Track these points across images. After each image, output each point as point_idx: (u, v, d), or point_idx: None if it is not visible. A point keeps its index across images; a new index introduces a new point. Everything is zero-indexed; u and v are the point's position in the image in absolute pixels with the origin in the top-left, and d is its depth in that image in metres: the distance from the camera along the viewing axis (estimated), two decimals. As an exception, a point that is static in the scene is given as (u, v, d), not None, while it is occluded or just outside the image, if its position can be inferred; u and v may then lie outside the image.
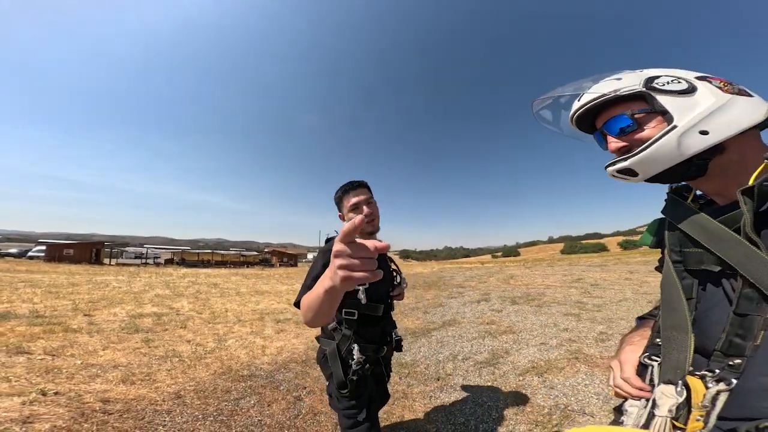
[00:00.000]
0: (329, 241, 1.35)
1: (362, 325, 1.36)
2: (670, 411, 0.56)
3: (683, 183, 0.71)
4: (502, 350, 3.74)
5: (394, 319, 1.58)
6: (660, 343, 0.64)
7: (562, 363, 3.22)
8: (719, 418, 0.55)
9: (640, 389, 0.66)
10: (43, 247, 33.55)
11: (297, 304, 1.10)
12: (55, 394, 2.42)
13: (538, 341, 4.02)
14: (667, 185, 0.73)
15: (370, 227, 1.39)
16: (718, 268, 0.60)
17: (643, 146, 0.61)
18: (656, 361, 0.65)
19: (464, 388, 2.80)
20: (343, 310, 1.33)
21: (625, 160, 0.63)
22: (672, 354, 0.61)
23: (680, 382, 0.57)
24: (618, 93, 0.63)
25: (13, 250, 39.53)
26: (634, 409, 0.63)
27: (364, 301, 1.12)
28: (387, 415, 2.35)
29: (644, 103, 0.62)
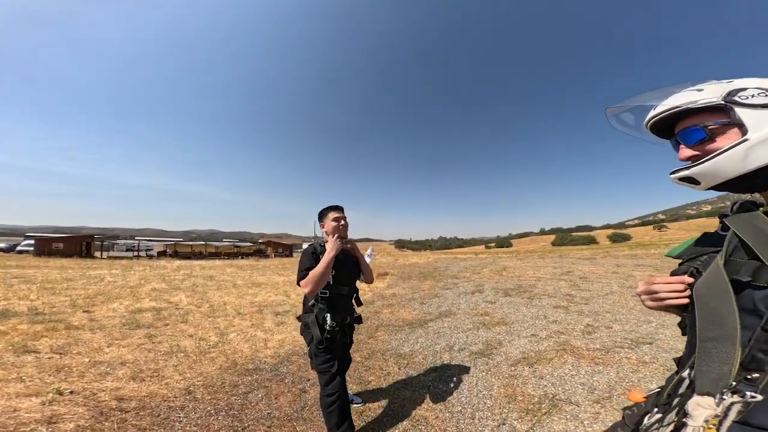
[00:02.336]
0: (310, 246, 1.99)
1: (332, 300, 1.94)
2: (705, 421, 0.56)
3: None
4: (495, 341, 3.94)
5: (361, 300, 2.27)
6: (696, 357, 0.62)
7: (551, 354, 3.42)
8: (750, 425, 0.55)
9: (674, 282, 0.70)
10: (32, 242, 32.88)
11: (299, 282, 1.81)
12: (71, 393, 2.50)
13: (529, 333, 4.22)
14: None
15: (344, 232, 2.05)
16: (747, 279, 0.60)
17: (708, 157, 0.62)
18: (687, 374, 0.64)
19: (460, 377, 2.97)
20: (319, 290, 1.86)
21: (688, 168, 0.65)
22: (711, 366, 0.59)
23: (719, 394, 0.57)
24: (691, 106, 0.64)
25: (1, 245, 38.63)
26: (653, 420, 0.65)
27: (331, 282, 1.91)
28: (389, 403, 2.51)
29: (723, 115, 0.62)
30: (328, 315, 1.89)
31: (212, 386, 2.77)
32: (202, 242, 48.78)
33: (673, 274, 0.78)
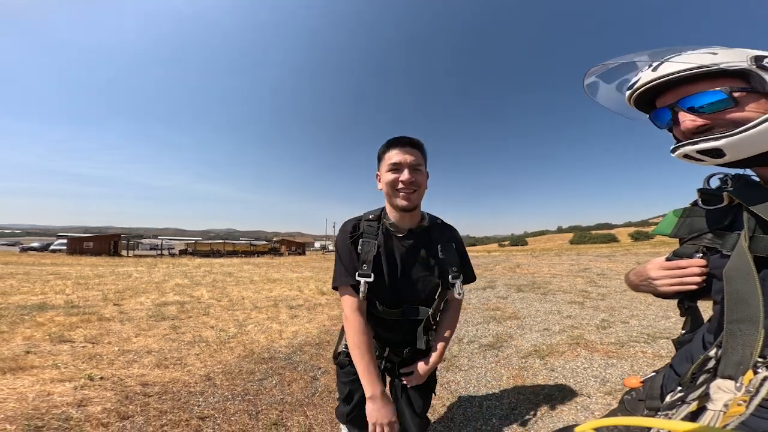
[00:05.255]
0: (349, 223, 1.20)
1: (375, 321, 1.21)
2: (725, 405, 0.55)
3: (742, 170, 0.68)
4: (506, 335, 3.92)
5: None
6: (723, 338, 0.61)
7: (564, 348, 3.39)
8: None
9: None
10: (64, 241, 34.97)
11: (335, 287, 1.16)
12: (101, 378, 2.68)
13: (542, 327, 4.18)
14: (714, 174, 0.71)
15: (405, 201, 1.09)
16: None
17: (745, 126, 0.56)
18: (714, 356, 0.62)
19: (469, 368, 2.99)
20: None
21: (717, 139, 0.58)
22: (737, 349, 0.58)
23: (741, 378, 0.56)
24: (722, 66, 0.57)
25: (35, 244, 41.22)
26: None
27: (362, 297, 1.08)
28: None
29: (742, 82, 0.58)
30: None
31: (230, 373, 2.91)
32: (221, 241, 50.38)
33: (678, 254, 0.75)
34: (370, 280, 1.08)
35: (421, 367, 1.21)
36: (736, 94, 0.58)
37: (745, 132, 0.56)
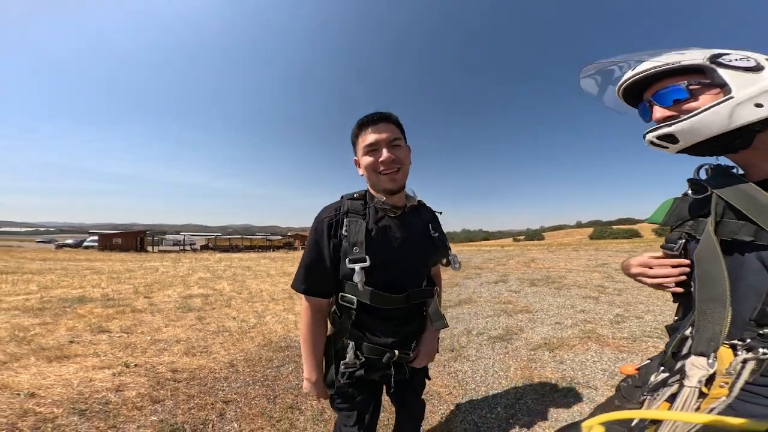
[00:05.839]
0: (326, 210, 1.04)
1: (362, 317, 1.03)
2: (699, 382, 0.58)
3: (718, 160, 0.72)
4: (516, 327, 3.96)
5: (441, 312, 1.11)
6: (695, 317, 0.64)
7: (574, 341, 3.40)
8: (766, 386, 0.55)
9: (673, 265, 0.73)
10: (96, 237, 37.02)
11: (294, 286, 1.06)
12: (135, 366, 2.91)
13: (553, 321, 4.18)
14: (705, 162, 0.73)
15: (390, 182, 1.00)
16: (749, 239, 0.60)
17: (694, 113, 0.62)
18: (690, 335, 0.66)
19: (477, 359, 3.07)
20: (340, 294, 1.04)
21: (670, 125, 0.64)
22: (707, 327, 0.61)
23: (713, 354, 0.58)
24: (680, 64, 0.64)
25: (69, 241, 43.87)
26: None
27: (360, 288, 0.92)
28: None
29: (703, 77, 0.63)
30: (351, 344, 1.04)
31: (251, 360, 3.12)
32: (239, 236, 51.96)
33: (668, 240, 0.80)
34: (367, 264, 0.93)
35: (430, 337, 1.16)
36: (692, 87, 0.64)
37: (689, 119, 0.62)
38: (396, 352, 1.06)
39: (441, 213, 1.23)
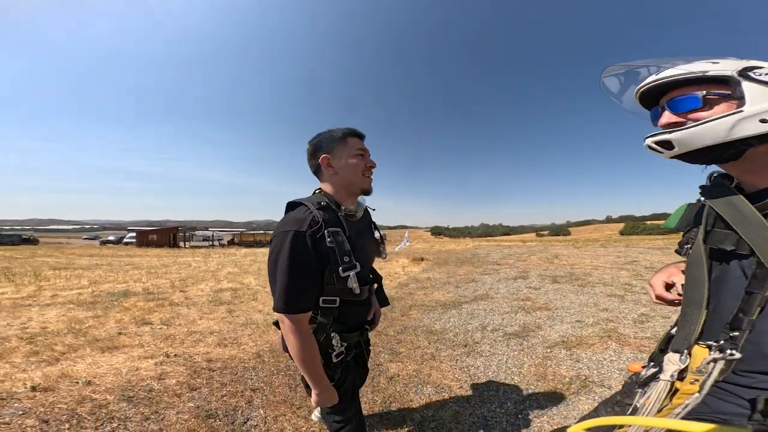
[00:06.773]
0: (296, 221, 1.07)
1: (344, 310, 1.17)
2: (672, 376, 0.65)
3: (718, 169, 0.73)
4: (533, 325, 3.95)
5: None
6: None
7: (594, 340, 3.36)
8: (739, 385, 0.60)
9: (671, 300, 0.81)
10: (134, 234, 39.74)
11: (277, 309, 1.07)
12: (175, 356, 3.17)
13: (574, 319, 4.13)
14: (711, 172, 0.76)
15: (368, 183, 1.22)
16: (731, 248, 0.64)
17: (697, 123, 0.62)
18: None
19: (490, 354, 3.11)
20: (322, 298, 1.11)
21: (670, 132, 0.64)
22: (685, 326, 0.67)
23: (685, 351, 0.65)
24: (705, 73, 0.62)
25: (111, 238, 47.34)
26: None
27: (357, 291, 1.11)
28: (415, 372, 2.78)
29: (725, 87, 0.62)
30: (336, 336, 1.15)
31: (276, 351, 3.34)
32: (262, 231, 53.84)
33: (679, 245, 0.84)
34: (358, 270, 1.12)
35: (378, 307, 1.48)
36: (709, 97, 0.63)
37: (694, 127, 0.62)
38: (368, 327, 1.36)
39: (374, 210, 1.44)
